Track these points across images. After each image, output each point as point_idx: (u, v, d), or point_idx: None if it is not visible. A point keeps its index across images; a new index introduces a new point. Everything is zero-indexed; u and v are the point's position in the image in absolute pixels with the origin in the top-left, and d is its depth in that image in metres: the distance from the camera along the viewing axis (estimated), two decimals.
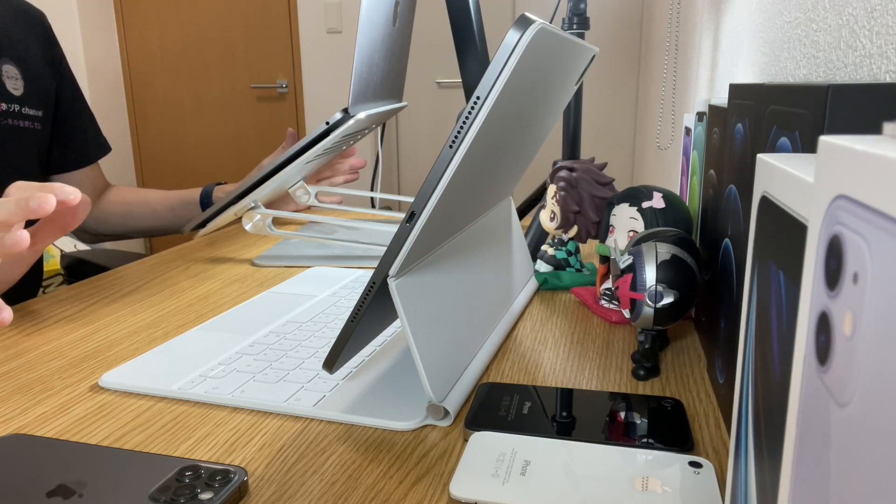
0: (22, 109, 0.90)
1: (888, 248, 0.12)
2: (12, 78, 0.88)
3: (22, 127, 0.90)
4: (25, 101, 0.90)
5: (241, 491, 0.36)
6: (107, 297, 0.72)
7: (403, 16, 0.90)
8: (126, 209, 1.09)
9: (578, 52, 0.52)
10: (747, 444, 0.24)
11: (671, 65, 1.73)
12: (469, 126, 0.38)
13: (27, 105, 0.91)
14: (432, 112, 3.16)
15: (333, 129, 0.79)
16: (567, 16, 0.89)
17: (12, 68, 0.89)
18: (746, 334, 0.26)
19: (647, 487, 0.36)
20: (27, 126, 0.91)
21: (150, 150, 3.36)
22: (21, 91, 0.90)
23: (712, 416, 0.46)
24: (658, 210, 0.61)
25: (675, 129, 1.58)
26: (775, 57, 0.70)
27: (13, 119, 0.88)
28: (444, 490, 0.38)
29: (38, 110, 0.93)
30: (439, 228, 0.45)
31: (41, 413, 0.47)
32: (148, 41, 3.23)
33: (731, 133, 0.47)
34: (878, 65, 0.44)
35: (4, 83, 0.87)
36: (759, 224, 0.25)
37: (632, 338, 0.60)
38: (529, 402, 0.46)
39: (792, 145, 0.33)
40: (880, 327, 0.13)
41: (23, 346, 0.59)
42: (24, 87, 0.90)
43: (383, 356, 0.54)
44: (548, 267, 0.74)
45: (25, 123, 0.90)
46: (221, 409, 0.47)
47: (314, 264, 0.84)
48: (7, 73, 0.88)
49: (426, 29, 3.04)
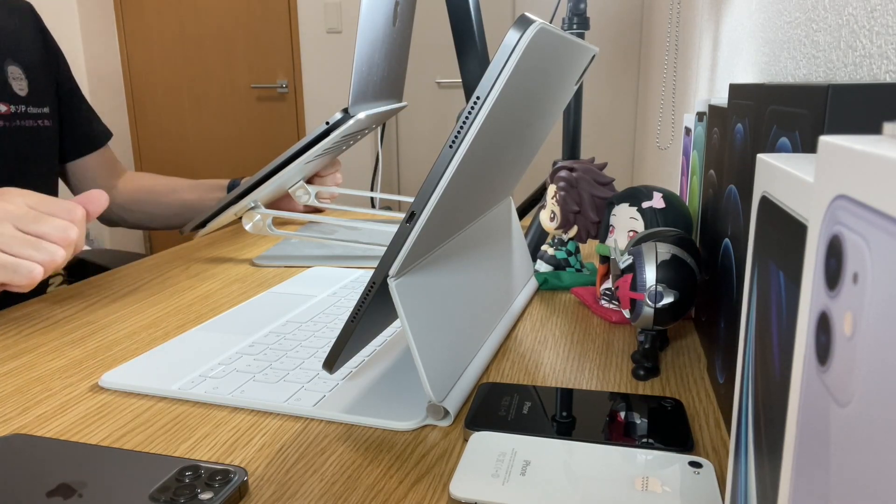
0: (28, 109, 0.90)
1: (888, 248, 0.12)
2: (17, 79, 0.88)
3: (31, 127, 0.90)
4: (31, 100, 0.90)
5: (241, 491, 0.36)
6: (107, 297, 0.72)
7: (403, 16, 0.90)
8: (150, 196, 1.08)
9: (578, 52, 0.52)
10: (747, 444, 0.24)
11: (671, 65, 1.73)
12: (469, 126, 0.38)
13: (33, 104, 0.91)
14: (432, 112, 3.16)
15: (333, 129, 0.79)
16: (567, 16, 0.89)
17: (16, 69, 0.89)
18: (746, 334, 0.26)
19: (647, 487, 0.36)
20: (37, 125, 0.91)
21: (149, 150, 3.36)
22: (26, 91, 0.90)
23: (712, 416, 0.46)
24: (658, 210, 0.61)
25: (675, 129, 1.58)
26: (775, 57, 0.70)
27: (22, 120, 0.88)
28: (444, 490, 0.38)
29: (43, 107, 0.93)
30: (439, 228, 0.45)
31: (41, 413, 0.47)
32: (148, 41, 3.23)
33: (731, 133, 0.47)
34: (878, 65, 0.44)
35: (11, 85, 0.87)
36: (759, 224, 0.25)
37: (632, 338, 0.60)
38: (529, 402, 0.46)
39: (792, 145, 0.33)
40: (880, 327, 0.13)
41: (23, 346, 0.59)
42: (28, 87, 0.90)
43: (383, 356, 0.54)
44: (548, 267, 0.74)
45: (35, 122, 0.90)
46: (221, 409, 0.47)
47: (314, 264, 0.84)
48: (12, 75, 0.88)
49: (426, 29, 3.04)
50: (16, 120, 0.87)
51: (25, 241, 0.58)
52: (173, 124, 3.31)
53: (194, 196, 1.07)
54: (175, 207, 1.08)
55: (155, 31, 3.21)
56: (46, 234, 0.59)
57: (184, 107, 3.27)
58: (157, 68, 3.25)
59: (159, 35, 3.21)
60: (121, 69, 3.26)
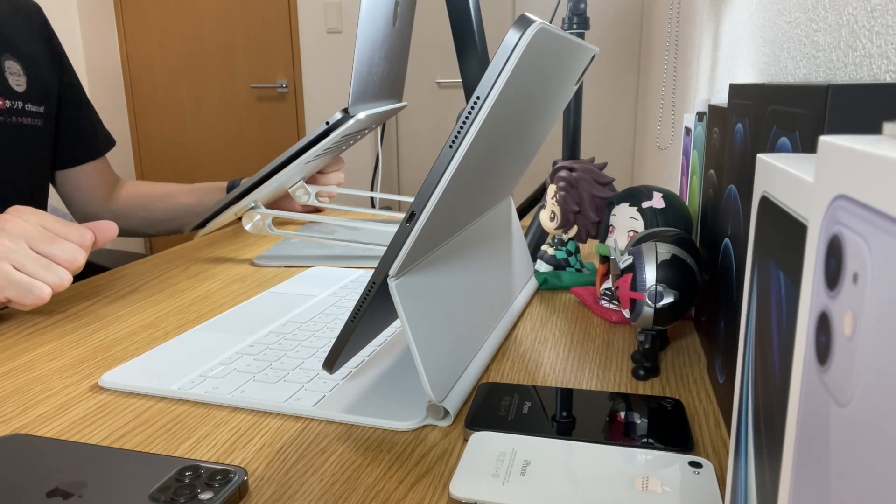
0: (25, 106, 0.88)
1: (888, 248, 0.12)
2: (15, 74, 0.87)
3: (26, 124, 0.89)
4: (28, 97, 0.89)
5: (241, 491, 0.36)
6: (107, 297, 0.72)
7: (403, 16, 0.90)
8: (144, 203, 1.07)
9: (578, 52, 0.52)
10: (747, 444, 0.24)
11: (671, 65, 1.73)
12: (469, 126, 0.38)
13: (30, 101, 0.90)
14: (432, 112, 3.16)
15: (333, 129, 0.79)
16: (567, 16, 0.89)
17: (14, 64, 0.88)
18: (746, 334, 0.26)
19: (647, 487, 0.36)
20: (30, 123, 0.90)
21: (150, 150, 3.36)
22: (24, 87, 0.88)
23: (712, 416, 0.46)
24: (658, 210, 0.61)
25: (675, 129, 1.58)
26: (775, 57, 0.70)
27: (17, 117, 0.87)
28: (444, 490, 0.38)
29: (40, 106, 0.92)
30: (439, 228, 0.45)
31: (41, 413, 0.47)
32: (148, 41, 3.23)
33: (731, 133, 0.47)
34: (878, 65, 0.44)
35: (7, 79, 0.86)
36: (759, 224, 0.25)
37: (632, 338, 0.60)
38: (529, 402, 0.46)
39: (792, 145, 0.33)
40: (880, 327, 0.13)
41: (23, 346, 0.59)
42: (26, 83, 0.89)
43: (383, 356, 0.54)
44: (548, 267, 0.74)
45: (28, 121, 0.89)
46: (221, 409, 0.47)
47: (314, 264, 0.84)
48: (9, 69, 0.86)
49: (426, 29, 3.04)
50: (11, 116, 0.86)
51: (38, 261, 0.58)
52: (173, 124, 3.31)
53: (192, 199, 1.06)
54: (171, 212, 1.07)
55: (155, 30, 3.21)
56: (56, 257, 0.59)
57: (184, 107, 3.27)
58: (156, 68, 3.25)
59: (159, 35, 3.21)
60: (120, 68, 3.26)
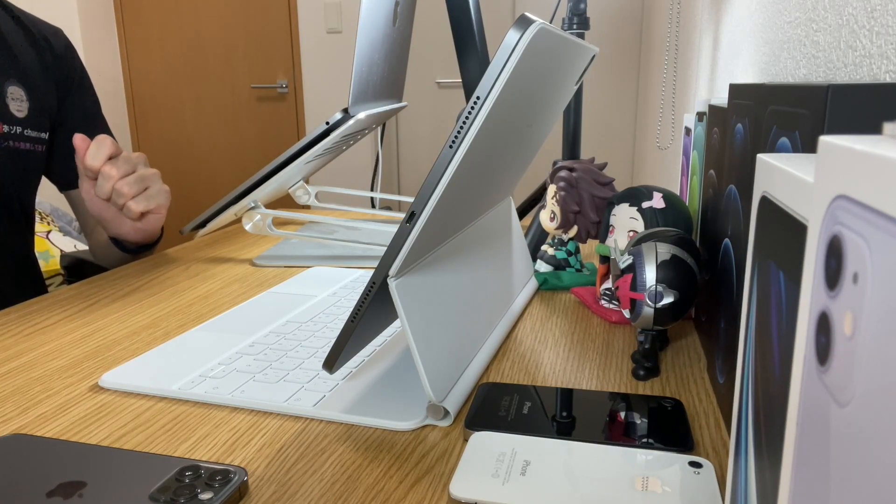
0: (24, 131, 0.87)
1: (888, 248, 0.12)
2: (17, 100, 0.86)
3: (23, 149, 0.87)
4: (29, 122, 0.88)
5: (241, 491, 0.36)
6: (107, 297, 0.72)
7: (403, 16, 0.90)
8: None
9: (578, 52, 0.52)
10: (747, 444, 0.24)
11: (671, 65, 1.73)
12: (469, 126, 0.38)
13: (31, 127, 0.88)
14: (432, 112, 3.16)
15: (333, 129, 0.79)
16: (567, 16, 0.89)
17: (17, 89, 0.86)
18: (746, 334, 0.26)
19: (648, 487, 0.36)
20: (28, 148, 0.88)
21: (150, 150, 3.36)
22: (25, 113, 0.87)
23: (712, 416, 0.46)
24: (658, 210, 0.61)
25: (675, 129, 1.58)
26: (775, 57, 0.70)
27: (14, 141, 0.86)
28: (444, 490, 0.38)
29: (42, 132, 0.90)
30: (439, 228, 0.45)
31: (41, 413, 0.47)
32: (148, 42, 3.23)
33: (731, 133, 0.47)
34: (878, 65, 0.44)
35: (8, 105, 0.85)
36: (759, 224, 0.25)
37: (632, 338, 0.60)
38: (529, 402, 0.46)
39: (792, 145, 0.33)
40: (880, 327, 0.13)
41: (23, 346, 0.59)
42: (28, 109, 0.88)
43: (383, 356, 0.54)
44: (548, 267, 0.74)
45: (27, 146, 0.88)
46: (221, 409, 0.47)
47: (314, 264, 0.84)
48: (12, 95, 0.85)
49: (426, 29, 3.04)
50: (8, 140, 0.85)
51: None
52: (173, 124, 3.31)
53: None
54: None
55: (155, 31, 3.21)
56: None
57: (184, 107, 3.27)
58: (157, 68, 3.25)
59: (159, 35, 3.21)
60: (121, 69, 3.26)
